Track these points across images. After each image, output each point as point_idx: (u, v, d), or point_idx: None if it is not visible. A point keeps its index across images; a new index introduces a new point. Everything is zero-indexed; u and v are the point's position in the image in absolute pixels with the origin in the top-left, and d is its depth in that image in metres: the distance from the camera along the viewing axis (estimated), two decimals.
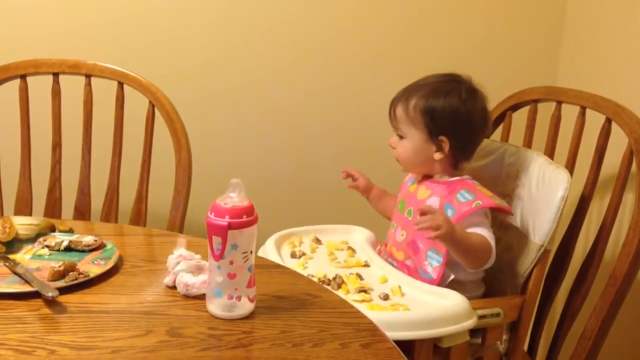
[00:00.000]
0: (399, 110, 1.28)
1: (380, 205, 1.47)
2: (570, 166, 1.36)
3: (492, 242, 1.23)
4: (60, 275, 0.93)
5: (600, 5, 1.68)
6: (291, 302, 0.91)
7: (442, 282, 1.23)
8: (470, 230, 1.23)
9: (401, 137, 1.30)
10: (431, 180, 1.31)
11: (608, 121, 1.30)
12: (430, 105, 1.25)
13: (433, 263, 1.24)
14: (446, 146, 1.26)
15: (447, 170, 1.30)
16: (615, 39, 1.61)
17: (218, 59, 1.77)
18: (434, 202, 1.26)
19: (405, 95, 1.28)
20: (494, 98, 1.57)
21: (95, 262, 1.00)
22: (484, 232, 1.23)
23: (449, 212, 1.23)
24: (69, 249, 1.04)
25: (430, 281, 1.23)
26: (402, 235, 1.31)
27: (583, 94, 1.37)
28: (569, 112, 1.41)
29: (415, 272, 1.26)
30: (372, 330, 0.84)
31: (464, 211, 1.22)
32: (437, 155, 1.27)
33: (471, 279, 1.28)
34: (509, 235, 1.34)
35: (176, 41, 1.74)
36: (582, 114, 1.37)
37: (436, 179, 1.31)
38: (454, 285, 1.24)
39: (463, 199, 1.23)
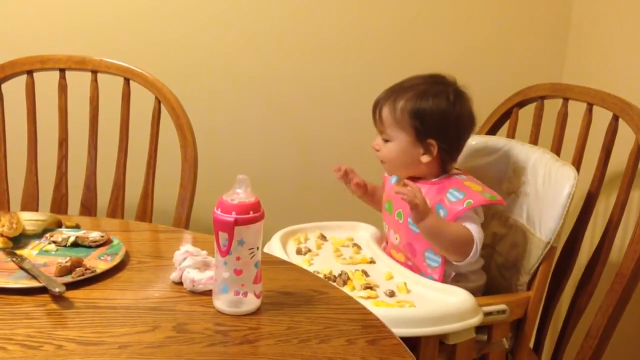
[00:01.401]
0: (385, 112, 1.25)
1: (373, 202, 1.45)
2: (577, 163, 1.36)
3: (477, 236, 1.21)
4: (67, 270, 0.93)
5: (607, 1, 1.67)
6: (297, 298, 0.91)
7: (444, 281, 1.23)
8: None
9: (386, 140, 1.28)
10: (417, 181, 1.29)
11: (615, 118, 1.30)
12: (419, 108, 1.22)
13: (432, 264, 1.24)
14: (434, 149, 1.24)
15: (434, 172, 1.28)
16: (622, 36, 1.60)
17: (224, 55, 1.77)
18: None
19: (391, 96, 1.26)
20: (500, 95, 1.58)
21: (101, 257, 1.00)
22: (470, 227, 1.21)
23: (441, 213, 1.22)
24: (75, 244, 1.05)
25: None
26: (397, 238, 1.31)
27: (590, 90, 1.36)
28: (576, 109, 1.41)
29: (416, 273, 1.26)
30: (378, 327, 0.84)
31: (457, 211, 1.20)
32: (425, 158, 1.25)
33: (471, 270, 1.28)
34: (515, 232, 1.34)
35: (182, 37, 1.74)
36: (589, 110, 1.36)
37: (422, 178, 1.29)
38: (455, 278, 1.24)
39: (454, 198, 1.22)
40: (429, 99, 1.23)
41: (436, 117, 1.23)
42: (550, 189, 1.25)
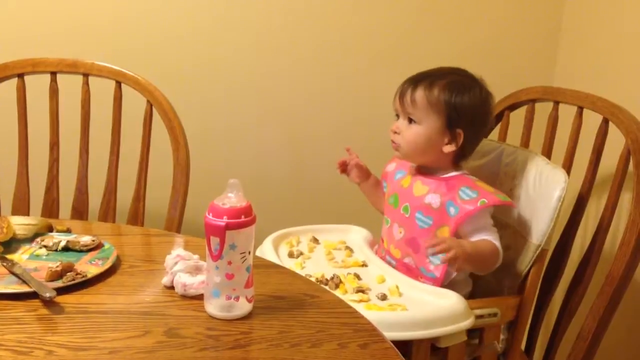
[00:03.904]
0: (420, 94, 1.24)
1: (375, 194, 1.46)
2: (568, 166, 1.37)
3: (498, 244, 1.23)
4: (57, 275, 0.93)
5: (598, 6, 1.68)
6: (289, 302, 0.91)
7: (445, 280, 1.23)
8: (476, 236, 1.23)
9: (410, 121, 1.27)
10: (427, 176, 1.30)
11: (605, 121, 1.30)
12: (456, 97, 1.23)
13: (435, 261, 1.23)
14: (460, 139, 1.25)
15: (446, 166, 1.29)
16: (612, 40, 1.62)
17: (216, 58, 1.77)
18: (433, 199, 1.25)
19: (424, 80, 1.25)
20: None
21: (93, 262, 1.00)
22: (490, 236, 1.23)
23: (452, 211, 1.22)
24: (66, 249, 1.04)
25: (434, 280, 1.23)
26: (400, 232, 1.30)
27: (580, 94, 1.37)
28: (567, 112, 1.41)
29: (416, 270, 1.26)
30: (370, 331, 0.84)
31: (468, 210, 1.20)
32: (448, 148, 1.25)
33: (460, 278, 1.28)
34: (507, 234, 1.34)
35: (174, 41, 1.73)
36: (580, 114, 1.37)
37: (432, 172, 1.30)
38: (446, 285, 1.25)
39: (466, 197, 1.22)
40: (465, 90, 1.25)
41: (470, 109, 1.24)
42: (541, 192, 1.26)
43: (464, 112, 1.24)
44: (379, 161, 1.47)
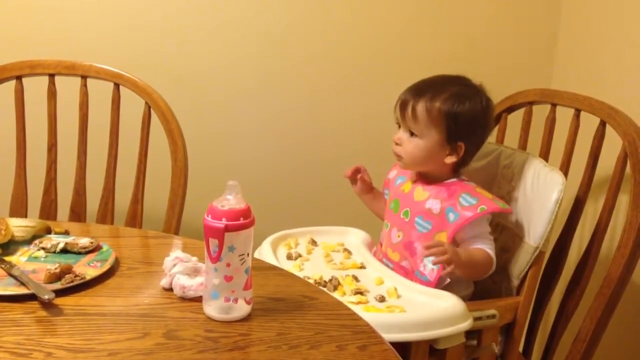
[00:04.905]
0: (421, 108, 1.24)
1: (375, 205, 1.47)
2: (565, 168, 1.37)
3: (493, 253, 1.23)
4: (56, 277, 0.93)
5: (595, 9, 1.69)
6: (287, 304, 0.91)
7: (439, 284, 1.24)
8: (473, 244, 1.24)
9: (411, 134, 1.27)
10: (427, 181, 1.31)
11: (602, 124, 1.31)
12: (456, 110, 1.23)
13: (429, 265, 1.24)
14: (461, 151, 1.25)
15: (447, 173, 1.29)
16: (609, 42, 1.62)
17: (214, 60, 1.77)
18: (433, 204, 1.25)
19: (425, 94, 1.25)
20: None
21: (91, 264, 1.00)
22: (485, 245, 1.23)
23: (451, 217, 1.22)
24: (65, 251, 1.04)
25: (427, 283, 1.23)
26: (399, 236, 1.31)
27: (578, 96, 1.37)
28: (564, 115, 1.42)
29: (411, 274, 1.27)
30: (368, 332, 0.84)
31: (468, 216, 1.21)
32: (450, 159, 1.26)
33: (461, 279, 1.28)
34: (505, 236, 1.34)
35: (172, 42, 1.74)
36: (577, 116, 1.37)
37: (432, 179, 1.30)
38: (444, 288, 1.25)
39: (466, 203, 1.22)
40: (465, 102, 1.24)
41: (469, 120, 1.24)
42: (538, 194, 1.26)
43: (464, 126, 1.24)
44: (378, 163, 1.48)
